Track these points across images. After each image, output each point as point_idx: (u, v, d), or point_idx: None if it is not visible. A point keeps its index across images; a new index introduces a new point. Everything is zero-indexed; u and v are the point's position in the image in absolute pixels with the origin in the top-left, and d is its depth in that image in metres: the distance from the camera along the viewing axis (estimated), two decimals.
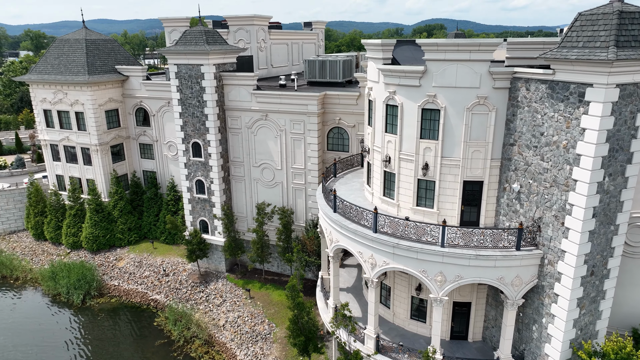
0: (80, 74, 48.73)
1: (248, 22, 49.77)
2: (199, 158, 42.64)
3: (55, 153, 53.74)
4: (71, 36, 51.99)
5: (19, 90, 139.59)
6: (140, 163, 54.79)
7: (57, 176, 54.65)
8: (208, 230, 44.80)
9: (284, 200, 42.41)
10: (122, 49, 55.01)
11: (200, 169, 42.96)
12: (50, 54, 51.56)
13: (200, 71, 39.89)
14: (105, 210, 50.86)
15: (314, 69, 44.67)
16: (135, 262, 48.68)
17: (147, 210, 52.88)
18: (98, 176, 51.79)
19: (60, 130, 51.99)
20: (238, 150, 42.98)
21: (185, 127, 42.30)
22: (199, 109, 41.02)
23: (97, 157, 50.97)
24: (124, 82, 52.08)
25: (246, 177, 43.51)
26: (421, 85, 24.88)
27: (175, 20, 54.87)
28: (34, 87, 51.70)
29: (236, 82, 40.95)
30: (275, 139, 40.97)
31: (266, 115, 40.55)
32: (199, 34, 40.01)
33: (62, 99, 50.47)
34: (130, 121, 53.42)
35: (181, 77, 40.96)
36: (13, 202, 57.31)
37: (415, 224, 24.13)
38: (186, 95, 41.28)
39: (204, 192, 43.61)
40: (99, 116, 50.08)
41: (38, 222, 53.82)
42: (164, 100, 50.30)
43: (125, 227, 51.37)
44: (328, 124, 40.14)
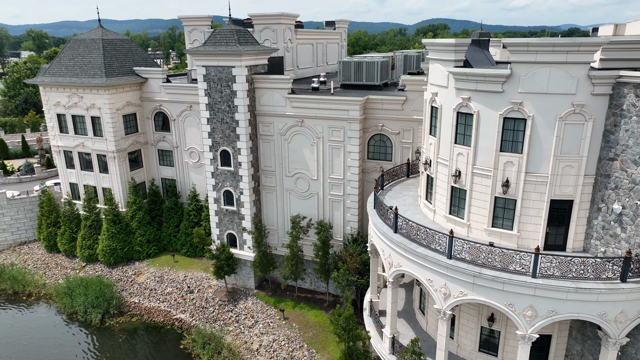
0: (97, 76, 45.66)
1: (275, 20, 46.79)
2: (227, 167, 39.56)
3: (69, 160, 50.68)
4: (86, 36, 48.93)
5: (23, 91, 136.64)
6: (158, 170, 51.73)
7: (70, 184, 51.58)
8: (236, 244, 41.72)
9: (320, 213, 39.33)
10: (139, 49, 51.96)
11: (228, 179, 39.89)
12: (65, 54, 48.50)
13: (232, 74, 36.84)
14: (122, 221, 47.79)
15: (348, 70, 41.66)
16: (156, 276, 45.61)
17: (166, 220, 49.80)
18: (115, 185, 48.71)
19: (74, 136, 48.91)
20: (269, 158, 39.92)
21: (213, 134, 39.22)
22: (229, 114, 37.94)
23: (114, 164, 47.90)
24: (142, 84, 49.03)
25: (278, 188, 40.44)
26: (504, 91, 21.81)
27: (195, 19, 51.87)
28: (47, 90, 48.65)
29: (269, 86, 37.89)
30: (311, 146, 37.91)
31: (302, 121, 37.49)
32: (230, 33, 36.95)
33: (77, 102, 47.41)
34: (148, 126, 50.36)
35: (210, 80, 37.90)
36: (24, 212, 54.24)
37: (502, 250, 21.05)
38: (215, 100, 38.21)
39: (233, 203, 40.53)
40: (117, 121, 47.02)
41: (51, 233, 50.74)
42: (186, 104, 47.27)
43: (144, 239, 48.30)
44: (369, 130, 37.07)
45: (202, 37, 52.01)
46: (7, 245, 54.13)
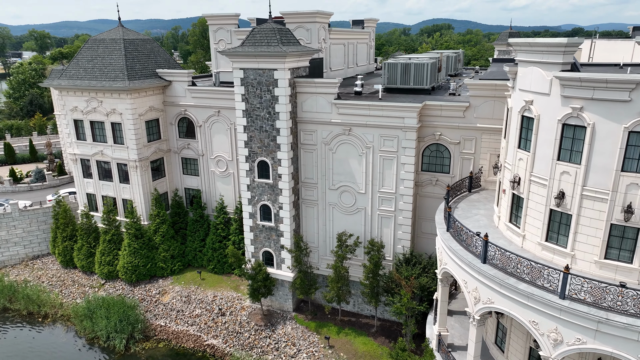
0: (119, 79, 42.14)
1: (310, 19, 43.27)
2: (265, 180, 36.03)
3: (86, 169, 47.16)
4: (106, 35, 45.40)
5: (28, 93, 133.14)
6: (182, 180, 48.21)
7: (87, 195, 48.04)
8: (273, 263, 38.19)
9: (366, 230, 35.82)
10: (161, 49, 48.45)
11: (266, 192, 36.36)
12: (83, 55, 44.97)
13: (273, 77, 33.30)
14: (145, 235, 44.25)
15: (394, 73, 38.18)
16: (183, 296, 42.08)
17: (191, 234, 46.26)
18: (137, 196, 45.17)
19: (93, 144, 45.38)
20: (311, 170, 36.40)
21: (250, 143, 35.69)
22: (269, 121, 34.41)
23: (136, 174, 44.37)
24: (166, 88, 45.53)
25: (320, 202, 36.92)
26: (632, 100, 18.28)
27: (221, 18, 48.34)
28: (64, 94, 45.11)
29: (313, 90, 34.38)
30: (359, 157, 34.39)
31: (349, 129, 33.96)
32: (272, 32, 33.43)
33: (96, 107, 43.88)
34: (171, 133, 46.85)
35: (248, 84, 34.37)
36: (37, 223, 50.72)
37: (637, 293, 17.51)
38: (253, 106, 34.68)
39: (270, 219, 37.01)
40: (139, 128, 43.50)
41: (67, 248, 47.22)
42: (213, 109, 43.77)
43: (167, 255, 44.77)
44: (424, 140, 33.55)
45: (228, 36, 48.51)
46: (19, 260, 50.64)
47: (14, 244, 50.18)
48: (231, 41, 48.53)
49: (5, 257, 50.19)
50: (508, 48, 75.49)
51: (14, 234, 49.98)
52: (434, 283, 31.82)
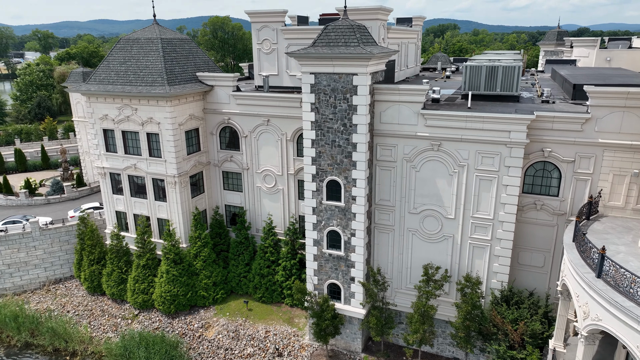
0: (157, 84, 37.08)
1: (371, 15, 38.27)
2: (335, 202, 30.93)
3: (116, 184, 42.10)
4: (140, 35, 40.31)
5: (36, 95, 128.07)
6: (222, 196, 43.15)
7: (117, 213, 42.97)
8: (340, 297, 33.11)
9: (453, 260, 30.75)
10: (200, 50, 43.38)
11: (336, 217, 31.27)
12: (114, 57, 39.90)
13: (352, 83, 28.23)
14: (185, 260, 39.18)
15: (477, 77, 33.14)
16: (229, 331, 37.00)
17: (234, 257, 41.19)
18: (175, 215, 40.10)
19: (125, 156, 40.32)
20: (387, 190, 31.35)
21: (319, 159, 30.61)
22: (344, 135, 29.33)
23: (174, 191, 39.30)
24: (207, 93, 40.49)
25: (396, 227, 31.85)
26: None
27: (266, 15, 43.19)
28: (92, 100, 40.03)
29: (396, 98, 29.31)
30: (449, 177, 29.31)
31: (439, 144, 28.89)
32: (349, 30, 28.36)
33: (129, 116, 38.82)
34: (212, 144, 41.80)
35: (320, 92, 29.30)
36: (59, 243, 45.67)
37: None
38: (325, 117, 29.60)
39: (339, 247, 31.93)
40: (179, 139, 38.45)
41: (94, 272, 42.14)
42: (262, 118, 38.75)
43: (209, 282, 39.68)
44: (529, 157, 28.45)
45: (274, 36, 43.40)
46: (40, 284, 45.59)
47: (33, 266, 45.13)
48: (277, 41, 43.43)
49: (25, 281, 45.14)
50: (557, 48, 70.46)
51: (34, 255, 44.94)
52: (547, 329, 26.75)
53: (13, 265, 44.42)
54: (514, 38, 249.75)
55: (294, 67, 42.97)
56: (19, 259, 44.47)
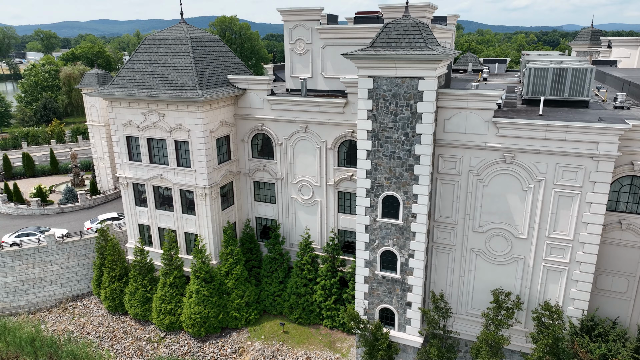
0: (188, 87, 34.04)
1: (418, 13, 35.40)
2: (392, 220, 27.85)
3: (139, 195, 39.06)
4: (167, 34, 37.25)
5: (41, 96, 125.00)
6: (253, 208, 40.11)
7: (139, 226, 39.94)
8: (393, 323, 30.03)
9: (524, 285, 27.68)
10: (229, 51, 40.34)
11: (392, 236, 28.20)
12: (139, 58, 36.86)
13: (417, 88, 25.16)
14: (215, 278, 36.14)
15: (542, 80, 30.07)
16: (266, 357, 33.96)
17: (267, 275, 38.16)
18: (205, 230, 37.07)
19: (150, 166, 37.28)
20: (449, 206, 28.29)
21: (374, 172, 27.53)
22: (405, 146, 26.26)
23: (204, 203, 36.27)
24: (238, 98, 37.47)
25: (458, 247, 28.78)
26: None
27: (301, 13, 40.11)
28: (115, 105, 36.99)
29: (463, 105, 26.25)
30: (522, 192, 26.25)
31: (513, 156, 25.82)
32: (414, 28, 25.30)
33: (156, 122, 35.78)
34: (243, 152, 38.78)
35: (378, 98, 26.23)
36: (76, 258, 42.61)
37: None
38: (383, 125, 26.53)
39: (395, 268, 28.85)
40: (210, 147, 35.42)
41: (115, 290, 39.09)
42: (299, 124, 35.77)
43: (242, 302, 36.63)
44: (615, 171, 25.38)
45: (308, 35, 40.34)
46: (56, 301, 42.55)
47: (49, 282, 42.09)
48: (311, 41, 40.38)
49: (40, 299, 42.10)
50: (591, 49, 67.39)
51: (50, 270, 41.90)
52: None
53: (28, 281, 41.39)
54: (522, 38, 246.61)
55: (330, 69, 40.02)
56: (34, 274, 41.44)
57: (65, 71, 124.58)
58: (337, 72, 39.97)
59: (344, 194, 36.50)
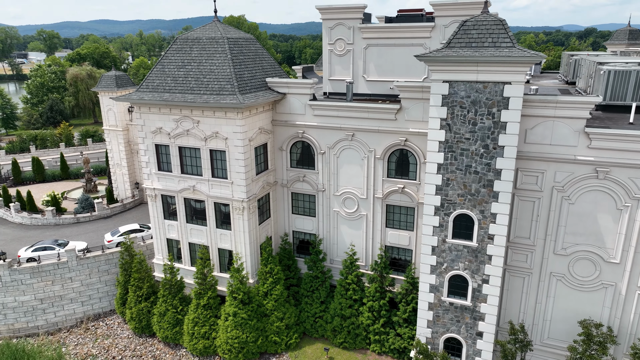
0: (226, 92, 31.07)
1: (469, 10, 32.39)
2: (464, 241, 24.90)
3: (168, 207, 36.11)
4: (201, 33, 34.27)
5: (47, 98, 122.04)
6: (291, 222, 37.16)
7: (168, 241, 36.98)
8: (460, 353, 27.06)
9: (613, 314, 24.74)
10: (265, 51, 37.38)
11: (463, 259, 25.25)
12: (170, 60, 33.90)
13: (502, 94, 22.20)
14: (254, 299, 33.18)
15: (623, 84, 27.15)
16: None
17: (307, 294, 35.21)
18: (241, 246, 34.11)
19: (181, 176, 34.31)
20: (526, 226, 25.38)
21: (445, 188, 24.57)
22: (484, 159, 23.30)
23: (241, 217, 33.30)
24: (277, 103, 34.52)
25: (535, 270, 25.85)
26: None
27: (341, 11, 37.18)
28: (143, 110, 34.02)
29: (550, 113, 23.32)
30: (616, 211, 23.31)
31: (607, 171, 22.87)
32: (498, 27, 22.34)
33: (189, 130, 32.82)
34: (280, 161, 35.83)
35: (454, 105, 23.27)
36: (97, 274, 39.65)
37: None
38: (459, 136, 23.58)
39: (465, 295, 25.89)
40: (249, 157, 32.46)
41: (142, 311, 36.12)
42: (345, 132, 32.82)
43: (282, 325, 33.68)
44: None
45: (349, 35, 37.41)
46: (76, 321, 39.57)
47: (69, 300, 39.13)
48: (352, 41, 37.46)
49: (59, 318, 39.14)
50: (629, 49, 64.33)
51: (70, 288, 38.94)
52: None
53: (46, 300, 38.44)
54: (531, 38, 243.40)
55: (373, 71, 37.16)
56: (53, 292, 38.49)
57: (72, 72, 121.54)
58: (381, 75, 37.11)
59: (393, 207, 33.55)
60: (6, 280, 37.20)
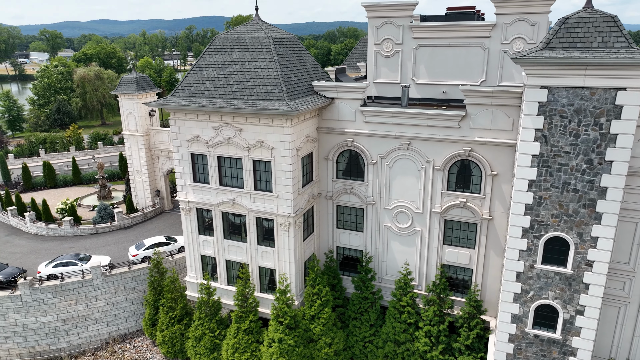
0: (274, 97, 28.19)
1: (539, 7, 29.70)
2: (557, 267, 22.03)
3: (203, 221, 33.24)
4: (242, 32, 31.37)
5: (54, 99, 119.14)
6: (335, 236, 34.29)
7: (202, 258, 34.11)
8: None
9: None
10: (308, 53, 34.52)
11: (554, 286, 22.37)
12: (208, 62, 31.03)
13: (614, 101, 19.33)
14: (300, 324, 30.32)
15: None
16: None
17: (356, 316, 32.37)
18: (285, 265, 31.26)
19: (219, 189, 31.43)
20: (626, 249, 22.66)
21: (537, 208, 21.70)
22: (587, 175, 20.43)
23: (286, 234, 30.45)
24: (323, 109, 31.65)
25: (634, 300, 23.05)
26: None
27: (391, 8, 34.34)
28: (179, 117, 31.13)
29: None
30: None
31: None
32: (609, 24, 19.46)
33: (230, 138, 29.93)
34: (325, 171, 32.95)
35: (553, 114, 20.40)
36: (123, 292, 36.82)
37: None
38: (557, 149, 20.71)
39: (553, 327, 23.02)
40: (296, 168, 29.60)
41: (175, 334, 33.29)
42: (400, 140, 29.96)
43: (330, 351, 30.80)
44: None
45: (398, 34, 34.61)
46: (101, 342, 36.76)
47: (94, 321, 36.31)
48: (402, 41, 34.68)
49: (83, 340, 36.31)
50: None
51: (95, 307, 36.13)
52: None
53: (70, 320, 35.62)
54: None
55: (424, 73, 34.43)
56: (77, 312, 35.67)
57: (79, 73, 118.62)
58: (432, 78, 34.41)
59: (452, 223, 30.69)
60: (27, 300, 34.35)
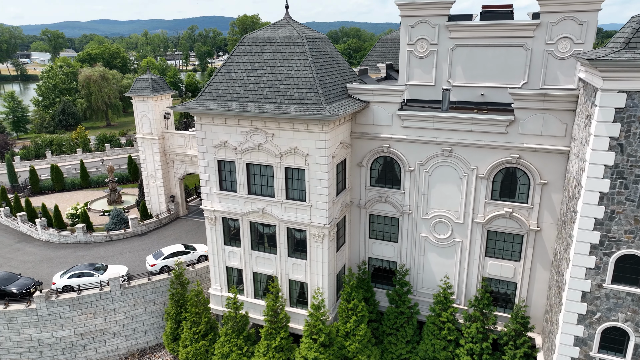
0: (310, 101, 26.42)
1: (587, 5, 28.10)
2: (629, 287, 20.27)
3: (229, 231, 31.49)
4: (272, 32, 29.60)
5: (59, 100, 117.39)
6: (367, 247, 32.53)
7: (228, 270, 32.35)
8: None
9: None
10: (339, 54, 32.76)
11: (625, 308, 20.62)
12: (237, 63, 29.25)
13: None
14: (335, 341, 28.55)
15: None
16: None
17: (391, 332, 30.61)
18: (318, 278, 29.50)
19: (248, 197, 29.68)
20: None
21: (608, 222, 19.93)
22: None
23: (320, 245, 28.68)
24: (357, 113, 29.89)
25: None
26: None
27: (426, 6, 32.53)
28: (205, 121, 29.37)
29: None
30: None
31: None
32: None
33: (261, 144, 28.16)
34: (357, 178, 31.20)
35: (631, 121, 18.66)
36: (143, 304, 35.09)
37: None
38: (634, 159, 18.96)
39: (622, 351, 21.25)
40: (331, 176, 27.84)
41: (199, 350, 31.53)
42: (440, 147, 28.24)
43: None
44: None
45: (433, 34, 32.79)
46: (119, 357, 35.05)
47: (112, 335, 34.58)
48: (437, 41, 32.86)
49: (101, 355, 34.58)
50: None
51: (114, 320, 34.39)
52: None
53: (87, 334, 33.88)
54: None
55: (460, 75, 32.69)
56: (95, 326, 33.94)
57: (84, 73, 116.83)
58: (469, 80, 32.63)
59: (496, 234, 28.96)
60: (43, 314, 32.62)
